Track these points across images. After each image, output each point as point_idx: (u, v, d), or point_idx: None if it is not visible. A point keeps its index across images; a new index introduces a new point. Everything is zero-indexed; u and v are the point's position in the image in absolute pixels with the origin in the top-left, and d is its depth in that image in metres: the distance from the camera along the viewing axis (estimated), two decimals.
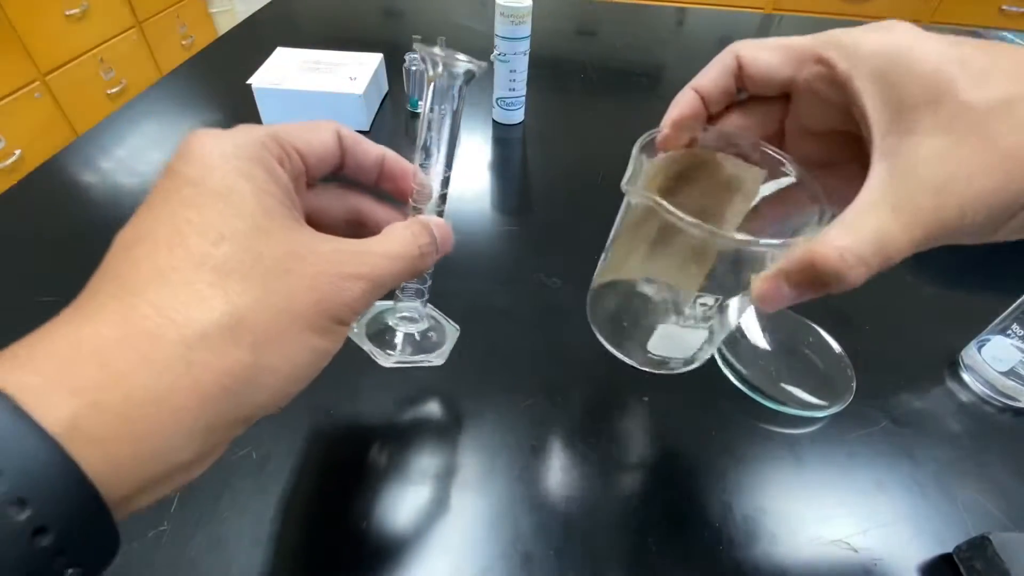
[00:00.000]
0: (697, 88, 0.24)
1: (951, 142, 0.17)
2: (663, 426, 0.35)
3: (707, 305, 0.25)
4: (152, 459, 0.15)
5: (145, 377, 0.14)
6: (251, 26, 0.88)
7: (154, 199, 0.18)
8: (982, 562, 0.28)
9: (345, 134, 0.23)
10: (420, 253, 0.21)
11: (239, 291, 0.16)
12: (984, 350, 0.38)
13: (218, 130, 0.19)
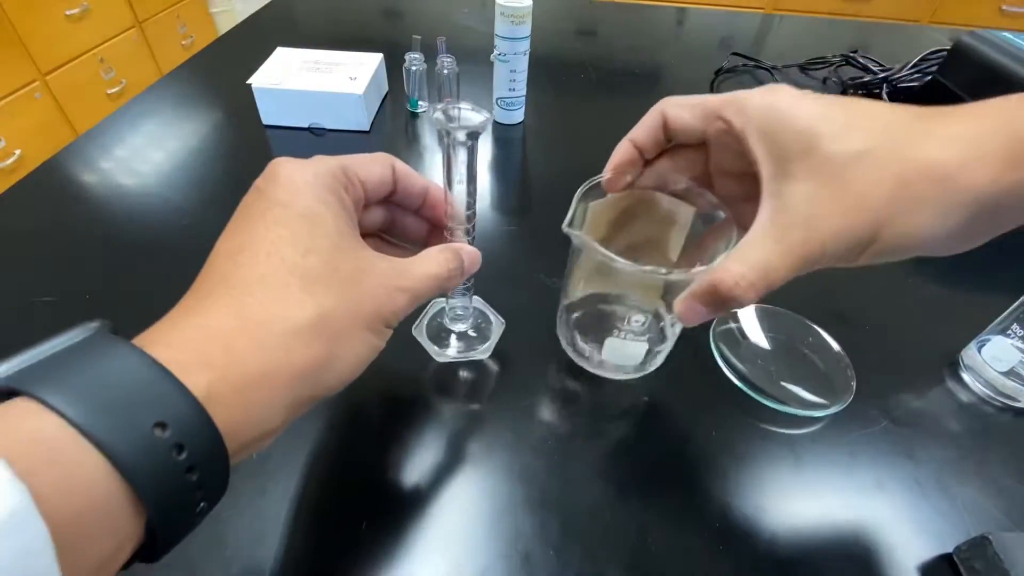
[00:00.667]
0: (632, 139, 0.29)
1: (817, 187, 0.21)
2: (663, 426, 0.35)
3: (639, 321, 0.31)
4: (256, 424, 0.18)
5: (257, 358, 0.18)
6: (251, 26, 0.88)
7: (249, 215, 0.21)
8: (982, 562, 0.28)
9: (399, 167, 0.28)
10: (449, 276, 0.25)
11: (322, 295, 0.20)
12: (984, 350, 0.38)
13: (299, 160, 0.23)
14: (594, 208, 0.30)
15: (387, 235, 0.31)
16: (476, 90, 0.70)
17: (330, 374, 0.20)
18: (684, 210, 0.30)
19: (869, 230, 0.21)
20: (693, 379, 0.38)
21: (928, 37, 0.99)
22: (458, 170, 0.27)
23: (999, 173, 0.19)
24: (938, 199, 0.20)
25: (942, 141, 0.20)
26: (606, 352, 0.33)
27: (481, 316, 0.39)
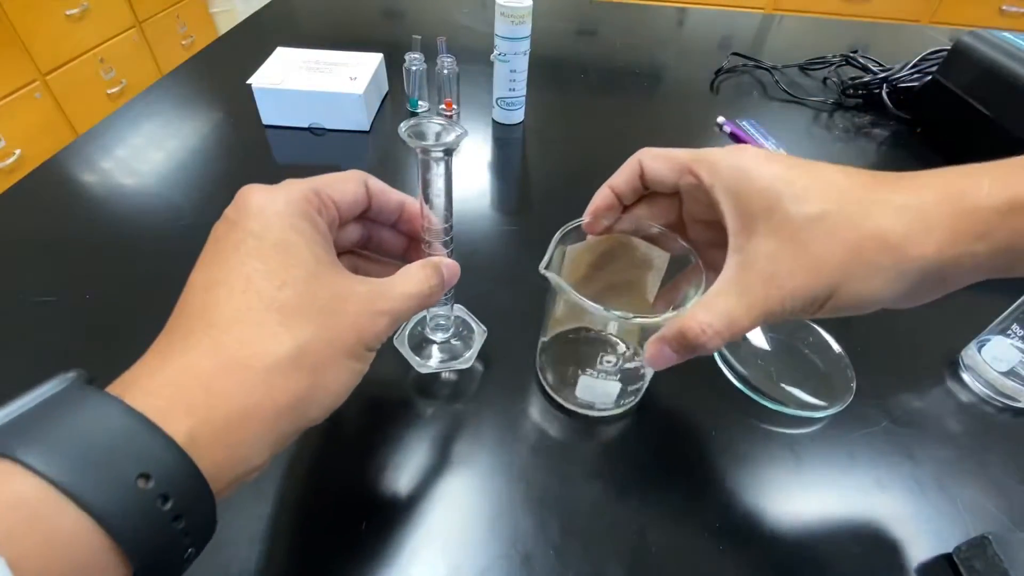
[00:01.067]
0: (612, 186, 0.30)
1: (778, 246, 0.23)
2: (663, 426, 0.35)
3: (611, 361, 0.32)
4: (241, 463, 0.18)
5: (238, 397, 0.18)
6: (251, 26, 0.88)
7: (223, 247, 0.21)
8: (982, 562, 0.28)
9: (372, 184, 0.27)
10: (430, 293, 0.25)
11: (300, 328, 0.20)
12: (984, 350, 0.38)
13: (269, 187, 0.22)
14: (572, 251, 0.32)
15: (365, 251, 0.30)
16: (476, 90, 0.70)
17: (314, 406, 0.20)
18: (659, 254, 0.31)
19: (825, 290, 0.22)
20: (693, 380, 0.38)
21: (928, 37, 0.99)
22: (434, 184, 0.27)
23: (944, 246, 0.21)
24: (888, 266, 0.21)
25: (892, 211, 0.22)
26: (580, 390, 0.34)
27: (463, 324, 0.39)
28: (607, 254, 0.33)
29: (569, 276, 0.33)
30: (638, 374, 0.33)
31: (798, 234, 0.22)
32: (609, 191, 0.30)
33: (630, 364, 0.32)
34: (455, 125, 0.26)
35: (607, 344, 0.38)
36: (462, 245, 0.48)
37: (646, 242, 0.32)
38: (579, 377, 0.33)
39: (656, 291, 0.33)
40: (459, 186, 0.55)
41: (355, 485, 0.31)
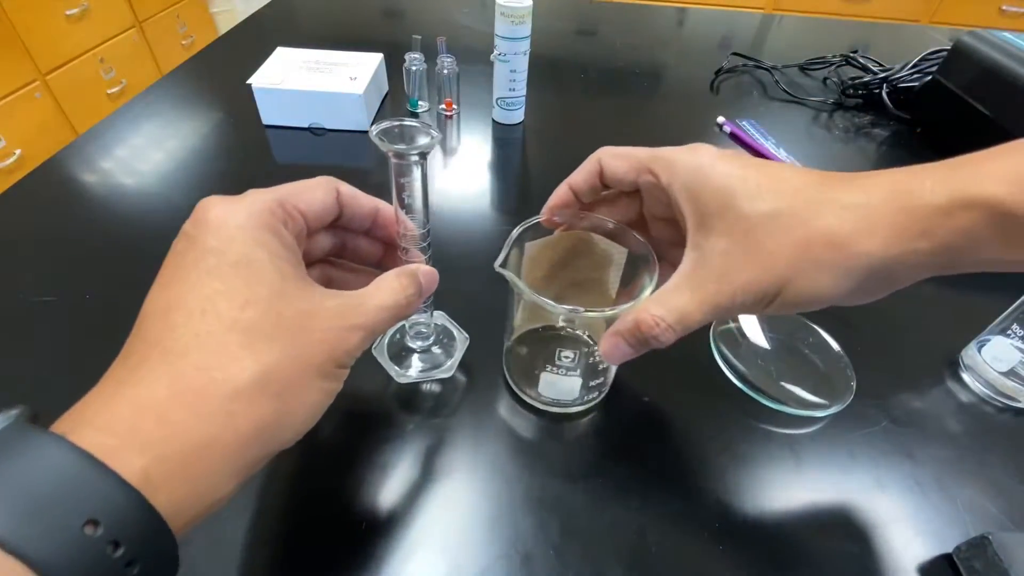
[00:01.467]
0: (570, 184, 0.31)
1: (731, 243, 0.23)
2: (663, 426, 0.35)
3: (569, 357, 0.32)
4: (204, 495, 0.17)
5: (197, 429, 0.17)
6: (251, 26, 0.88)
7: (180, 266, 0.20)
8: (982, 562, 0.28)
9: (343, 190, 0.26)
10: (407, 303, 0.24)
11: (265, 350, 0.19)
12: (984, 350, 0.38)
13: (230, 199, 0.21)
14: (532, 248, 0.32)
15: (339, 259, 0.29)
16: (476, 90, 0.70)
17: (282, 430, 0.19)
18: (618, 250, 0.32)
19: (774, 286, 0.23)
20: (693, 379, 0.38)
21: (928, 37, 0.99)
22: (409, 189, 0.26)
23: (888, 243, 0.21)
24: (834, 263, 0.22)
25: (840, 209, 0.22)
26: (542, 387, 0.34)
27: (444, 332, 0.38)
28: (568, 251, 0.33)
29: (530, 274, 0.33)
30: (598, 369, 0.33)
31: (751, 231, 0.23)
32: (567, 188, 0.31)
33: (590, 359, 0.32)
34: (428, 127, 0.25)
35: (568, 341, 0.38)
36: (462, 246, 0.48)
37: (606, 239, 0.32)
38: (541, 374, 0.33)
39: (617, 287, 0.34)
40: (459, 186, 0.55)
41: (354, 485, 0.31)
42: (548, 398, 0.34)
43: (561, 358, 0.32)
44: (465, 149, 0.62)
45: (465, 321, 0.40)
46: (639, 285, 0.30)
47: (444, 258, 0.47)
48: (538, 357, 0.35)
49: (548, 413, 0.35)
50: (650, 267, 0.29)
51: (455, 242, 0.48)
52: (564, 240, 0.33)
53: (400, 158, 0.25)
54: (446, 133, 0.64)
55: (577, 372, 0.32)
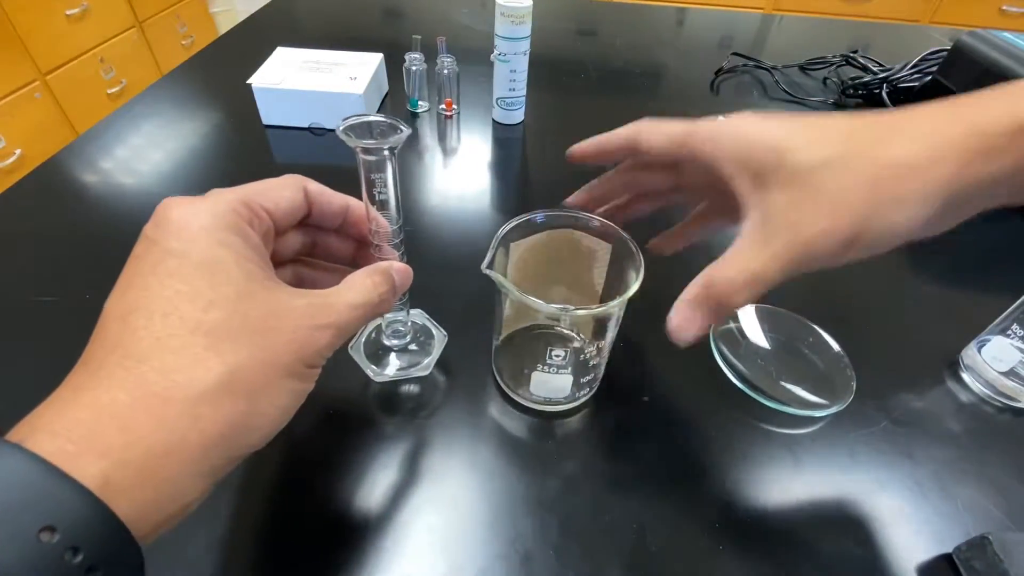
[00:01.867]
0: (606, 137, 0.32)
1: (795, 194, 0.23)
2: (663, 426, 0.35)
3: (559, 355, 0.32)
4: (169, 501, 0.17)
5: (159, 434, 0.17)
6: (251, 26, 0.88)
7: (140, 269, 0.19)
8: (982, 562, 0.28)
9: (311, 188, 0.26)
10: (379, 301, 0.24)
11: (231, 351, 0.18)
12: (984, 350, 0.38)
13: (192, 199, 0.21)
14: (517, 248, 0.32)
15: (311, 258, 0.29)
16: (476, 90, 0.70)
17: (250, 432, 0.19)
18: (602, 246, 0.32)
19: (849, 230, 0.22)
20: (693, 380, 0.38)
21: (928, 37, 0.99)
22: (380, 184, 0.26)
23: (961, 167, 0.21)
24: (911, 193, 0.21)
25: (907, 139, 0.22)
26: (534, 386, 0.34)
27: (422, 330, 0.38)
28: (553, 249, 0.33)
29: (516, 274, 0.33)
30: (588, 366, 0.33)
31: (811, 180, 0.22)
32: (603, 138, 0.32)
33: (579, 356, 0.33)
34: (397, 121, 0.24)
35: (557, 339, 0.38)
36: (462, 246, 0.48)
37: (590, 236, 0.32)
38: (532, 373, 0.33)
39: (602, 282, 0.34)
40: (459, 186, 0.55)
41: (355, 485, 0.31)
42: (539, 397, 0.34)
43: (552, 356, 0.32)
44: (465, 149, 0.62)
45: (466, 321, 0.40)
46: (625, 281, 0.30)
47: (444, 258, 0.47)
48: (528, 356, 0.35)
49: (539, 412, 0.35)
50: (635, 263, 0.29)
51: (455, 242, 0.48)
52: (549, 239, 0.33)
53: (369, 154, 0.24)
54: (446, 133, 0.64)
55: (568, 370, 0.32)
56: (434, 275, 0.44)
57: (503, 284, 0.28)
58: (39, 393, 0.17)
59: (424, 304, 0.40)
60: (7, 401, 0.33)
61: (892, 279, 0.47)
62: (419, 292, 0.42)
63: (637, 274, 0.29)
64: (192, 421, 0.17)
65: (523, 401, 0.35)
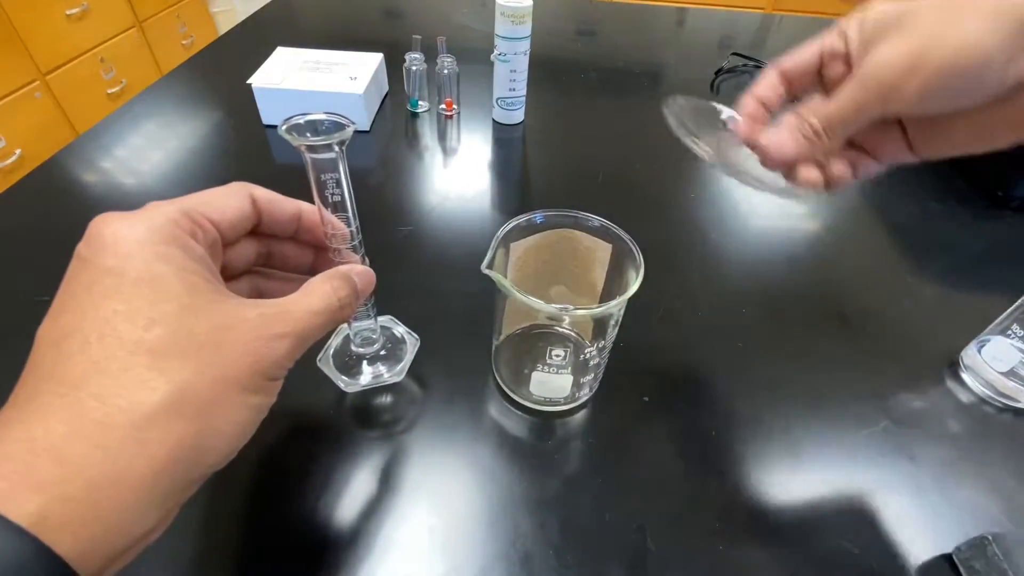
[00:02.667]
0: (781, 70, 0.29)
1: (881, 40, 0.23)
2: (663, 426, 0.35)
3: (560, 355, 0.32)
4: (118, 533, 0.16)
5: (102, 463, 0.16)
6: (251, 26, 0.88)
7: (73, 291, 0.18)
8: (982, 562, 0.28)
9: (259, 195, 0.24)
10: (340, 306, 0.23)
11: (177, 368, 0.17)
12: (984, 350, 0.38)
13: (127, 214, 0.19)
14: (517, 248, 0.32)
15: (267, 268, 0.28)
16: (476, 90, 0.70)
17: (206, 452, 0.18)
18: (602, 246, 0.32)
19: (917, 46, 0.21)
20: (693, 380, 0.38)
21: None
22: (330, 186, 0.24)
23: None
24: (977, 10, 0.20)
25: None
26: (534, 386, 0.34)
27: (392, 336, 0.37)
28: (553, 249, 0.33)
29: (516, 274, 0.33)
30: (588, 366, 0.33)
31: (900, 20, 0.22)
32: (754, 100, 0.29)
33: (579, 356, 0.33)
34: (341, 118, 0.23)
35: (557, 339, 0.38)
36: (462, 246, 0.48)
37: (590, 236, 0.32)
38: (532, 374, 0.33)
39: (603, 283, 0.34)
40: (459, 186, 0.55)
41: (355, 486, 0.31)
42: (539, 397, 0.34)
43: (552, 356, 0.32)
44: (465, 149, 0.62)
45: (464, 322, 0.40)
46: (625, 281, 0.30)
47: (444, 258, 0.47)
48: (528, 356, 0.35)
49: (539, 412, 0.35)
50: (635, 263, 0.29)
51: (455, 242, 0.48)
52: (549, 239, 0.33)
53: (315, 152, 0.23)
54: (446, 133, 0.64)
55: (568, 370, 0.32)
56: (434, 275, 0.44)
57: (503, 284, 0.28)
58: None
59: (424, 304, 0.40)
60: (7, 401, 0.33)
61: (892, 279, 0.47)
62: (419, 292, 0.42)
63: (637, 274, 0.29)
64: (138, 447, 0.16)
65: (523, 401, 0.35)
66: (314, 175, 0.24)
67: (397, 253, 0.46)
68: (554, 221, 0.33)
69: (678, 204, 0.54)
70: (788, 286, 0.46)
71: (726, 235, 0.50)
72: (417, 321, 0.38)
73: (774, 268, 0.47)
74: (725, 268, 0.47)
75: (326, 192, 0.25)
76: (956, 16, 0.21)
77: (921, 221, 0.53)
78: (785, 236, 0.51)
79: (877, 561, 0.29)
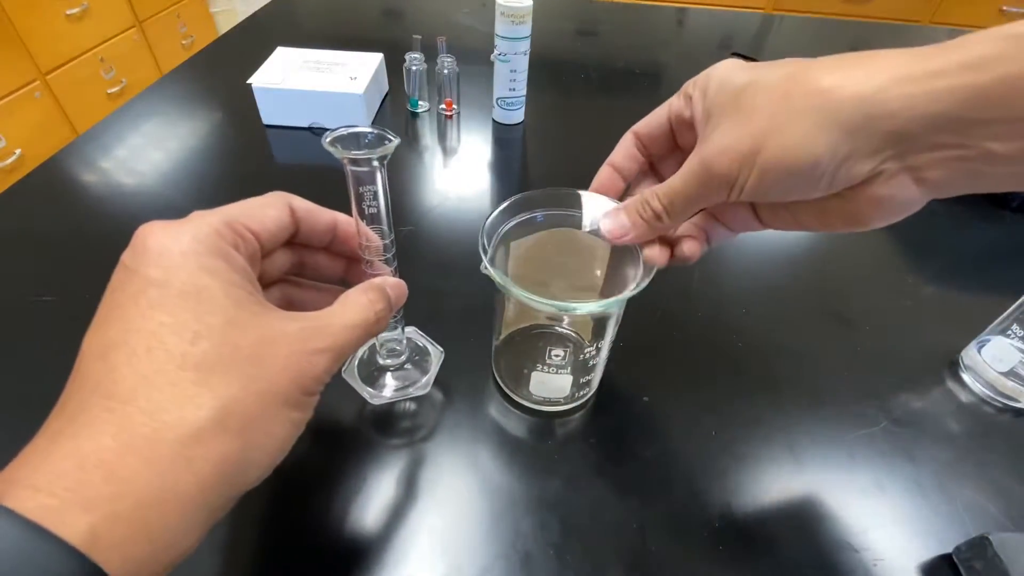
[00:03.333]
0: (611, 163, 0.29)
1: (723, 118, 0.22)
2: (663, 426, 0.35)
3: (559, 355, 0.32)
4: (166, 550, 0.16)
5: (150, 480, 0.16)
6: (251, 26, 0.88)
7: (119, 301, 0.18)
8: (982, 562, 0.28)
9: (298, 205, 0.24)
10: (377, 320, 0.23)
11: (223, 384, 0.17)
12: (984, 350, 0.38)
13: (171, 223, 0.19)
14: (517, 247, 0.32)
15: (299, 278, 0.28)
16: (476, 90, 0.70)
17: (249, 468, 0.18)
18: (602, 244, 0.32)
19: (750, 142, 0.21)
20: (693, 380, 0.38)
21: (928, 37, 0.99)
22: (369, 197, 0.25)
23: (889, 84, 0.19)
24: (817, 108, 0.20)
25: (833, 63, 0.20)
26: (533, 386, 0.34)
27: (417, 348, 0.37)
28: (553, 248, 0.33)
29: (515, 273, 0.33)
30: (588, 366, 0.33)
31: (738, 99, 0.22)
32: (609, 169, 0.30)
33: (579, 356, 0.32)
34: (386, 132, 0.23)
35: (557, 338, 0.38)
36: (462, 246, 0.48)
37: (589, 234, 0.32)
38: (532, 373, 0.33)
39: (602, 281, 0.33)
40: (459, 186, 0.55)
41: (356, 486, 0.31)
42: (539, 397, 0.34)
43: (551, 356, 0.32)
44: (465, 149, 0.62)
45: (466, 321, 0.40)
46: (624, 278, 0.30)
47: (444, 259, 0.47)
48: (527, 356, 0.35)
49: (539, 412, 0.35)
50: (634, 260, 0.29)
51: (455, 243, 0.48)
52: (548, 237, 0.33)
53: (357, 165, 0.23)
54: (446, 133, 0.64)
55: (567, 370, 0.32)
56: (434, 275, 0.44)
57: (503, 283, 0.28)
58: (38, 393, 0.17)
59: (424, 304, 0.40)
60: (7, 402, 0.33)
61: (892, 279, 0.47)
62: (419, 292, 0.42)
63: (636, 273, 0.29)
64: (185, 463, 0.16)
65: (523, 401, 0.35)
66: (353, 187, 0.24)
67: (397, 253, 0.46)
68: (554, 220, 0.33)
69: None
70: (788, 286, 0.46)
71: None
72: (416, 321, 0.38)
73: (774, 268, 0.47)
74: (725, 268, 0.47)
75: (363, 204, 0.25)
76: (788, 114, 0.20)
77: (921, 221, 0.53)
78: (785, 236, 0.51)
79: (877, 561, 0.29)
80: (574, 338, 0.38)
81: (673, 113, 0.27)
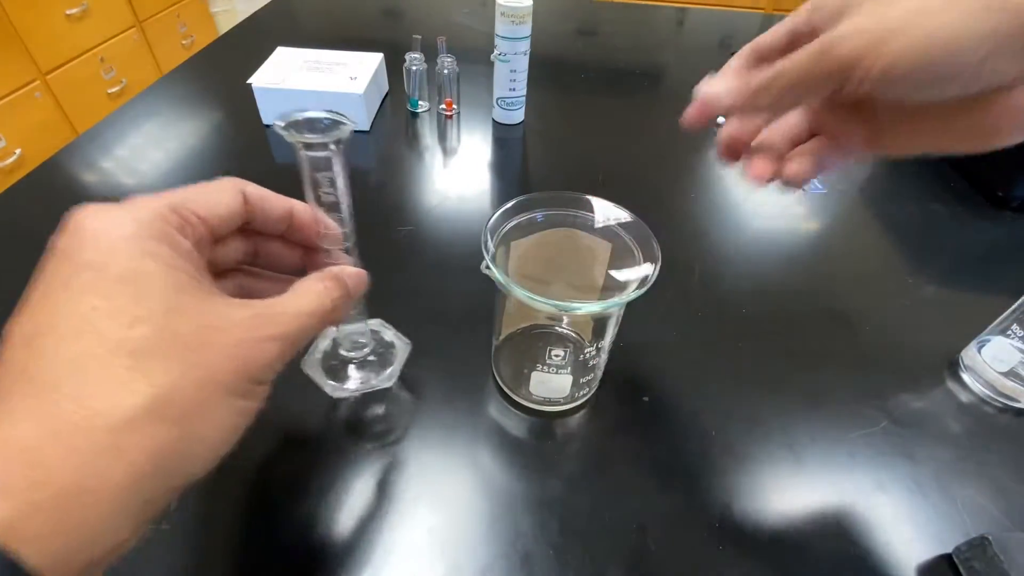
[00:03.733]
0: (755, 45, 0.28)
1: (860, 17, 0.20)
2: (663, 426, 0.35)
3: (559, 355, 0.32)
4: (92, 544, 0.15)
5: (76, 469, 0.15)
6: (251, 26, 0.88)
7: (49, 286, 0.17)
8: (982, 562, 0.28)
9: (251, 192, 0.23)
10: (332, 307, 0.22)
11: (160, 370, 0.16)
12: (984, 351, 0.38)
13: (111, 207, 0.18)
14: (518, 247, 0.32)
15: (254, 267, 0.26)
16: (476, 90, 0.70)
17: (189, 459, 0.17)
18: (603, 245, 0.32)
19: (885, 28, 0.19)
20: (693, 380, 0.38)
21: None
22: (325, 185, 0.24)
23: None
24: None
25: None
26: (533, 386, 0.34)
27: (382, 340, 0.35)
28: (553, 248, 0.33)
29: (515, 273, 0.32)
30: (588, 366, 0.33)
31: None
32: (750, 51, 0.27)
33: (579, 356, 0.32)
34: (340, 116, 0.23)
35: (557, 338, 0.38)
36: (462, 246, 0.48)
37: (590, 235, 0.32)
38: (532, 373, 0.33)
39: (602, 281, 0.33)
40: (459, 186, 0.55)
41: (356, 487, 0.31)
42: (539, 397, 0.34)
43: (551, 356, 0.32)
44: (465, 149, 0.62)
45: (464, 322, 0.40)
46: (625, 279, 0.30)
47: (444, 259, 0.47)
48: (527, 356, 0.35)
49: (539, 412, 0.35)
50: (635, 262, 0.29)
51: (455, 243, 0.48)
52: (549, 237, 0.33)
53: (311, 149, 0.22)
54: (446, 133, 0.64)
55: (568, 370, 0.32)
56: (434, 275, 0.44)
57: (504, 282, 0.28)
58: None
59: (424, 304, 0.40)
60: None
61: (892, 279, 0.47)
62: (419, 292, 0.42)
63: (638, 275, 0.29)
64: (116, 453, 0.15)
65: (523, 401, 0.35)
66: (309, 173, 0.23)
67: (397, 253, 0.46)
68: (554, 220, 0.33)
69: (678, 204, 0.54)
70: (788, 286, 0.46)
71: (726, 235, 0.50)
72: (417, 321, 0.38)
73: (774, 268, 0.47)
74: (725, 268, 0.47)
75: (320, 191, 0.24)
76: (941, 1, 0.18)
77: (921, 221, 0.53)
78: (785, 236, 0.51)
79: (877, 561, 0.29)
80: (574, 338, 0.38)
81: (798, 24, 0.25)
